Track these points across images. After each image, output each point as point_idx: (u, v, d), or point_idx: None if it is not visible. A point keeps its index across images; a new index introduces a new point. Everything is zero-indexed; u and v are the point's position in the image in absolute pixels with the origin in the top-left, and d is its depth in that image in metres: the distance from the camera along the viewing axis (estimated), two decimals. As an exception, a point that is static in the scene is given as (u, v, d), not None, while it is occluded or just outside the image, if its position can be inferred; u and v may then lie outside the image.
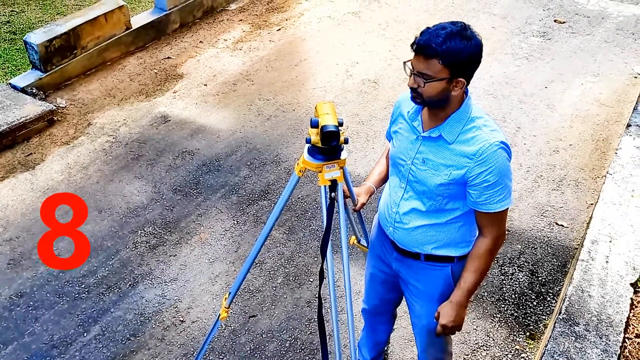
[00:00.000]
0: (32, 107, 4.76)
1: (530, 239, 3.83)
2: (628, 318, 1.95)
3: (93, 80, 5.41)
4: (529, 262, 3.67)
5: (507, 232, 3.86)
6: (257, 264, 3.63)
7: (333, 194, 2.01)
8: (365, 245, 2.66)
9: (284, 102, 5.18)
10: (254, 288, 3.48)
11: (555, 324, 1.92)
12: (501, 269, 3.62)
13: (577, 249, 3.74)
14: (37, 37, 5.07)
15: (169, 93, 5.28)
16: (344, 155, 1.98)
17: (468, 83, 1.93)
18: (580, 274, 2.07)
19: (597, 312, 1.94)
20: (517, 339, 3.21)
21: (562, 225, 3.92)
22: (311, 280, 3.53)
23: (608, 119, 4.96)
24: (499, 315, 3.34)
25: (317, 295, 2.21)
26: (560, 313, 1.93)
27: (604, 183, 2.66)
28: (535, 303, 3.41)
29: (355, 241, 2.71)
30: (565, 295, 1.98)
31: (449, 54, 1.82)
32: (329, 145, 1.90)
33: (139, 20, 5.93)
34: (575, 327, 1.90)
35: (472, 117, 1.97)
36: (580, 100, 5.20)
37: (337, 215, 2.10)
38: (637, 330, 1.92)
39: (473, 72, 1.91)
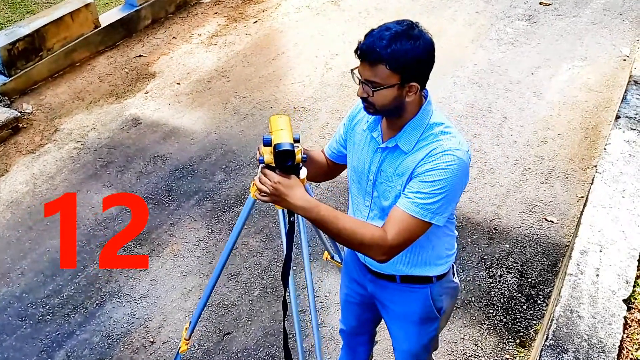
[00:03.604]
0: (-5, 115, 4.53)
1: (519, 237, 3.66)
2: (622, 340, 1.79)
3: (61, 83, 5.18)
4: (517, 263, 3.50)
5: (494, 231, 3.69)
6: (232, 275, 3.45)
7: (292, 218, 1.82)
8: (339, 261, 2.48)
9: (261, 100, 4.97)
10: (228, 302, 3.29)
11: (541, 352, 1.76)
12: (489, 271, 3.45)
13: (567, 246, 3.57)
14: (-1, 40, 4.83)
15: (140, 94, 5.06)
16: (303, 174, 1.79)
17: (423, 86, 1.74)
18: (569, 290, 1.89)
19: (587, 336, 1.77)
20: (507, 348, 3.05)
21: (552, 221, 3.75)
22: (288, 292, 3.34)
23: (597, 105, 4.77)
24: (487, 322, 3.17)
25: (282, 327, 2.02)
26: (547, 339, 1.77)
27: (592, 183, 2.48)
28: (525, 307, 3.25)
29: (329, 257, 2.53)
30: (553, 317, 1.81)
31: (396, 58, 1.63)
32: (283, 166, 1.71)
33: (107, 17, 5.68)
34: (564, 355, 1.74)
35: (431, 123, 1.77)
36: (567, 87, 5.01)
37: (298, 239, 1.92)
38: (632, 354, 1.76)
39: (427, 74, 1.72)
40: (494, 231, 3.70)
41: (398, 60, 1.63)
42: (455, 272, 2.11)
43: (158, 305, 3.28)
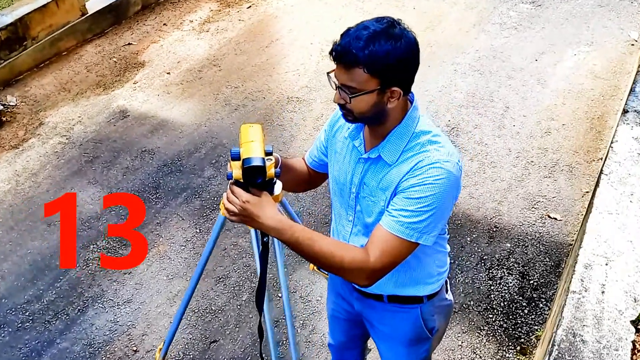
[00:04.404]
0: (-23, 109, 4.37)
1: (521, 235, 3.49)
2: (629, 368, 1.64)
3: (46, 73, 5.01)
4: (519, 263, 3.34)
5: (495, 229, 3.52)
6: (220, 278, 3.30)
7: (266, 238, 1.65)
8: (326, 272, 2.33)
9: (253, 90, 4.78)
10: (216, 308, 3.15)
11: (541, 383, 1.61)
12: (489, 272, 3.29)
13: (571, 245, 3.41)
14: (-20, 30, 4.65)
15: (128, 84, 4.88)
16: (277, 189, 1.62)
17: (407, 91, 1.56)
18: (572, 310, 1.74)
19: (591, 365, 1.62)
20: (507, 355, 2.90)
21: (555, 219, 3.58)
22: (279, 295, 3.20)
23: (603, 94, 4.57)
24: (486, 328, 3.02)
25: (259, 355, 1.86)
26: (547, 367, 1.63)
27: (597, 186, 2.31)
28: (526, 311, 3.09)
29: (315, 267, 2.37)
30: (554, 341, 1.66)
31: (375, 60, 1.45)
32: (252, 183, 1.54)
33: (95, 4, 5.48)
34: (565, 388, 1.60)
35: (418, 132, 1.59)
36: (573, 73, 4.80)
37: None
38: (641, 383, 1.62)
39: (410, 78, 1.54)
40: (494, 229, 3.53)
41: (377, 63, 1.46)
42: (448, 288, 1.95)
43: (142, 311, 3.14)
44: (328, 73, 1.57)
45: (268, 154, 1.57)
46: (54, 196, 3.83)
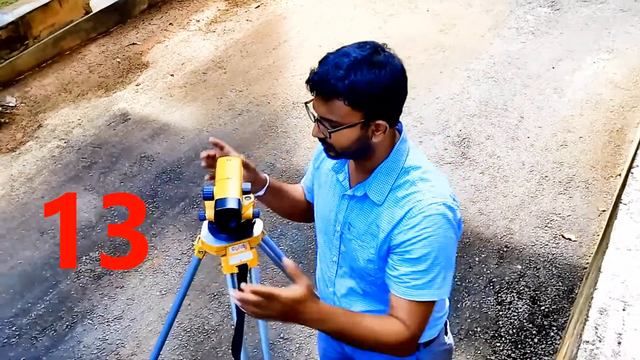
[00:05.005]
0: (-25, 110, 4.27)
1: (532, 256, 3.32)
2: None
3: (48, 73, 4.89)
4: (530, 287, 3.16)
5: (505, 249, 3.35)
6: (214, 295, 3.16)
7: (243, 284, 1.50)
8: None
9: (258, 94, 4.63)
10: (209, 327, 3.01)
11: None
12: (497, 296, 3.12)
13: (585, 268, 3.23)
14: (-20, 28, 4.54)
15: (131, 86, 4.75)
16: (257, 230, 1.46)
17: (394, 123, 1.41)
18: (585, 364, 1.58)
19: None
20: (514, 388, 2.74)
21: (570, 239, 3.40)
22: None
23: (623, 105, 4.36)
24: (493, 357, 2.85)
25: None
26: None
27: (616, 218, 2.14)
28: (536, 340, 2.92)
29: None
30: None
31: (356, 91, 1.30)
32: (225, 226, 1.38)
33: (100, 2, 5.35)
34: None
35: (407, 167, 1.44)
36: (592, 82, 4.60)
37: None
38: None
39: (397, 109, 1.39)
40: (504, 249, 3.36)
41: (359, 94, 1.30)
42: (448, 330, 1.79)
43: (132, 329, 3.01)
44: (306, 103, 1.42)
45: (246, 192, 1.42)
46: (49, 203, 3.71)
